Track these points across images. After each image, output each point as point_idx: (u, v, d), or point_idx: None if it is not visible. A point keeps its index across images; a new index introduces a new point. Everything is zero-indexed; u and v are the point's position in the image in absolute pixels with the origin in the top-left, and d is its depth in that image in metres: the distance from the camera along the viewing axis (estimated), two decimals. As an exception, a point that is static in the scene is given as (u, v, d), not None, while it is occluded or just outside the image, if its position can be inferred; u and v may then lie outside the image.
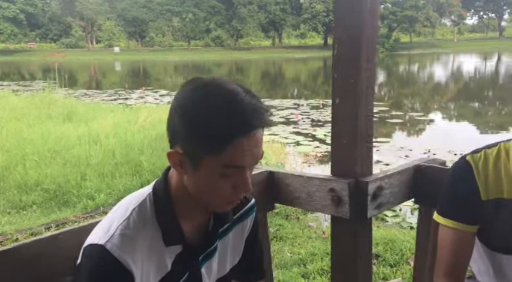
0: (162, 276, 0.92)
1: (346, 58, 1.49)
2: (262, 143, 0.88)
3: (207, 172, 0.86)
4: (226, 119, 0.82)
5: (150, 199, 0.93)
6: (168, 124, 0.89)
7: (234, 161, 0.85)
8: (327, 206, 1.55)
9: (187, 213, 0.94)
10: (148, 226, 0.90)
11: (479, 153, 1.19)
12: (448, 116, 13.62)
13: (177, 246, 0.93)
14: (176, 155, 0.86)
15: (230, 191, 0.89)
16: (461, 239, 1.17)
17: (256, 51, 61.17)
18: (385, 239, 3.58)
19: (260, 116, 0.85)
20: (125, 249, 0.86)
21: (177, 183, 0.92)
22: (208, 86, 0.87)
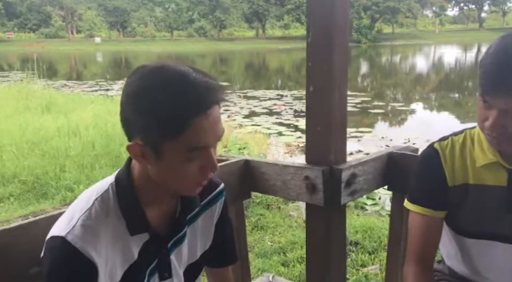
0: (129, 264, 0.92)
1: (319, 46, 1.49)
2: (220, 119, 0.87)
3: (171, 159, 0.85)
4: (180, 101, 0.81)
5: (112, 189, 0.92)
6: (122, 117, 0.86)
7: (196, 142, 0.84)
8: (301, 193, 1.56)
9: (152, 201, 0.93)
10: (111, 216, 0.89)
11: (447, 141, 1.21)
12: (429, 106, 13.79)
13: (144, 235, 0.93)
14: (136, 147, 0.85)
15: (197, 173, 0.88)
16: (430, 225, 1.19)
17: (239, 42, 60.88)
18: (364, 227, 3.63)
19: (214, 92, 0.84)
20: (86, 240, 0.85)
21: (140, 173, 0.91)
22: (157, 71, 0.84)
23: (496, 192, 1.12)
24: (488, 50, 1.00)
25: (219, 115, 0.87)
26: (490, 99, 0.99)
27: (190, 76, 0.84)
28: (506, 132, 1.00)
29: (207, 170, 0.89)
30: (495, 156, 1.11)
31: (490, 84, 0.98)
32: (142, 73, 0.85)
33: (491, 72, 0.97)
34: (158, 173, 0.88)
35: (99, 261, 0.85)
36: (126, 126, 0.87)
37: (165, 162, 0.85)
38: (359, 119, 10.52)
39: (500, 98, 0.96)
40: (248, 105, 12.36)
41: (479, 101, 1.04)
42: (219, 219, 1.10)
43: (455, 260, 1.27)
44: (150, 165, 0.87)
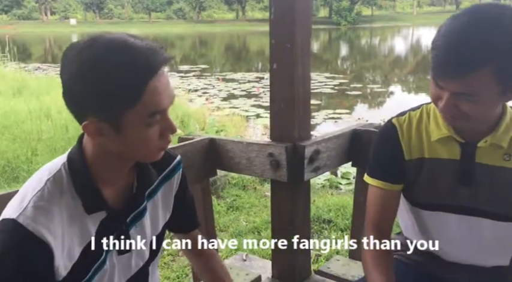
0: (86, 242, 0.91)
1: (282, 23, 1.49)
2: (169, 81, 0.87)
3: (132, 129, 0.84)
4: (130, 68, 0.80)
5: (65, 168, 0.90)
6: (69, 99, 0.83)
7: (154, 106, 0.84)
8: (266, 170, 1.58)
9: (107, 178, 0.93)
10: (65, 196, 0.88)
11: (404, 116, 1.23)
12: (407, 88, 13.96)
13: (101, 213, 0.92)
14: (92, 125, 0.83)
15: (158, 138, 0.88)
16: (387, 197, 1.22)
17: (219, 24, 60.10)
18: (337, 205, 3.70)
19: (159, 53, 0.83)
20: (39, 221, 0.83)
21: (93, 150, 0.90)
22: (96, 45, 0.82)
23: (450, 166, 1.15)
24: (439, 30, 0.98)
25: (168, 76, 0.86)
26: (441, 82, 1.00)
27: (130, 41, 0.82)
28: (459, 112, 1.01)
29: (167, 133, 0.89)
30: (449, 131, 1.14)
31: (441, 68, 0.97)
32: (79, 50, 0.82)
33: (443, 56, 0.96)
34: (119, 146, 0.87)
35: (53, 242, 0.84)
36: (76, 106, 0.84)
37: (125, 134, 0.84)
38: (338, 101, 10.59)
39: (450, 81, 0.97)
40: (227, 87, 12.30)
41: (431, 81, 1.05)
42: (177, 191, 1.11)
43: (412, 231, 1.31)
44: (108, 140, 0.86)
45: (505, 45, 0.91)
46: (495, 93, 0.98)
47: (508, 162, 1.10)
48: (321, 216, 3.49)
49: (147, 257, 1.04)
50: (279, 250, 1.66)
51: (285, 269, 1.67)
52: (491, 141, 1.09)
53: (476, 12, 0.96)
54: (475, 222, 1.15)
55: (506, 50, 0.91)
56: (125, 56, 0.80)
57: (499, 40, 0.91)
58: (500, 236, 1.15)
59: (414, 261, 1.30)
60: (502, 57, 0.92)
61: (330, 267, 1.73)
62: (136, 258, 1.01)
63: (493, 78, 0.94)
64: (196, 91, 11.66)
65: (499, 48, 0.91)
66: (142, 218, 1.01)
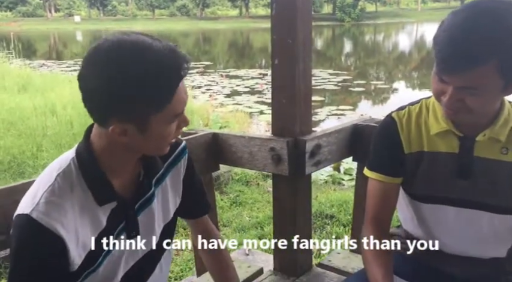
0: (98, 232, 0.94)
1: (283, 19, 1.51)
2: None
3: (157, 129, 0.88)
4: (161, 72, 0.83)
5: (74, 163, 0.92)
6: (96, 102, 0.85)
7: (180, 108, 0.89)
8: (267, 164, 1.60)
9: (116, 170, 0.95)
10: (76, 189, 0.91)
11: (404, 110, 1.25)
12: (411, 84, 13.91)
13: (111, 203, 0.95)
14: (118, 127, 0.86)
15: (175, 131, 0.94)
16: (387, 191, 1.24)
17: (223, 21, 60.03)
18: (339, 201, 3.72)
19: (181, 54, 0.86)
20: (52, 216, 0.86)
21: (103, 144, 0.92)
22: (121, 49, 0.83)
23: (449, 159, 1.17)
24: (441, 26, 1.00)
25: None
26: (446, 77, 1.01)
27: (154, 44, 0.84)
28: (464, 105, 1.03)
29: (181, 125, 0.95)
30: (448, 125, 1.15)
31: (445, 63, 0.99)
32: (103, 54, 0.83)
33: (445, 51, 0.97)
34: (139, 144, 0.90)
35: (66, 235, 0.87)
36: (101, 110, 0.86)
37: (150, 133, 0.88)
38: (341, 98, 10.58)
39: (455, 76, 0.98)
40: (230, 84, 12.31)
41: (434, 75, 1.06)
42: (185, 175, 1.13)
43: (411, 224, 1.32)
44: (131, 140, 0.88)
45: (507, 40, 0.93)
46: (498, 87, 0.99)
47: (505, 156, 1.12)
48: (323, 212, 3.52)
49: (154, 244, 1.06)
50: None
51: (287, 262, 1.69)
52: (490, 135, 1.11)
53: (476, 7, 0.97)
54: (473, 214, 1.16)
55: (508, 45, 0.93)
56: (153, 60, 0.83)
57: (500, 35, 0.92)
58: (497, 228, 1.16)
59: (413, 253, 1.32)
60: (504, 51, 0.93)
61: (331, 260, 1.75)
62: (144, 244, 1.04)
63: (497, 72, 0.95)
64: (200, 88, 11.68)
65: (500, 43, 0.93)
66: (151, 204, 1.04)
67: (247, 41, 36.73)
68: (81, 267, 0.93)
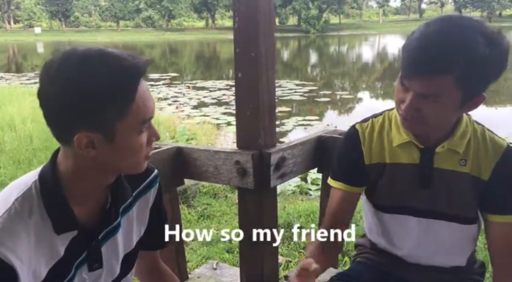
0: (54, 262, 0.89)
1: (245, 32, 1.51)
2: None
3: (126, 136, 0.85)
4: (119, 75, 0.81)
5: (36, 187, 0.87)
6: (56, 117, 0.83)
7: (144, 112, 0.86)
8: (232, 178, 1.58)
9: (82, 196, 0.91)
10: (34, 216, 0.86)
11: (367, 122, 1.28)
12: (374, 94, 14.26)
13: (71, 232, 0.90)
14: (84, 138, 0.82)
15: (146, 145, 0.90)
16: (347, 199, 1.27)
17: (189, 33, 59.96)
18: (307, 211, 3.74)
19: (139, 57, 0.85)
20: (5, 244, 0.81)
21: (68, 167, 0.88)
22: (73, 59, 0.81)
23: (410, 170, 1.19)
24: (412, 35, 1.04)
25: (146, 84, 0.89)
26: (408, 82, 1.04)
27: (107, 51, 0.83)
28: (419, 114, 1.06)
29: (152, 140, 0.91)
30: (409, 136, 1.18)
31: (409, 67, 1.02)
32: (57, 67, 0.81)
33: (413, 56, 1.01)
34: (110, 156, 0.86)
35: (18, 264, 0.82)
36: (63, 124, 0.83)
37: (118, 142, 0.84)
38: (308, 108, 10.72)
39: (417, 81, 1.02)
40: (197, 95, 12.25)
41: (397, 84, 1.09)
42: (153, 205, 1.09)
43: (375, 233, 1.34)
44: (100, 152, 0.85)
45: (469, 56, 0.96)
46: (455, 100, 1.02)
47: (463, 167, 1.15)
48: (291, 223, 3.52)
49: (117, 273, 1.02)
50: (246, 257, 1.67)
51: (253, 276, 1.67)
52: (448, 147, 1.14)
53: (448, 21, 1.02)
54: (433, 224, 1.19)
55: (469, 60, 0.97)
56: (109, 63, 0.81)
57: (463, 49, 0.97)
58: (456, 237, 1.20)
59: (377, 263, 1.34)
60: (464, 65, 0.97)
61: (298, 273, 1.74)
62: (106, 275, 1.00)
63: (455, 84, 0.99)
64: (167, 99, 11.56)
65: (463, 57, 0.97)
66: (116, 234, 0.99)
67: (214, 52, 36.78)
68: None
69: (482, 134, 1.16)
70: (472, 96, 1.03)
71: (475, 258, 1.31)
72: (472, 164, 1.14)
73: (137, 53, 0.87)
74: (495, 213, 1.14)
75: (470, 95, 1.03)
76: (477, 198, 1.15)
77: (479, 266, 1.31)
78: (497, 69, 1.00)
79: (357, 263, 1.39)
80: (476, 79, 1.00)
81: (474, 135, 1.15)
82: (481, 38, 0.97)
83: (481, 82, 1.01)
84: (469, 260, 1.26)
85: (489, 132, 1.17)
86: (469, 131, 1.15)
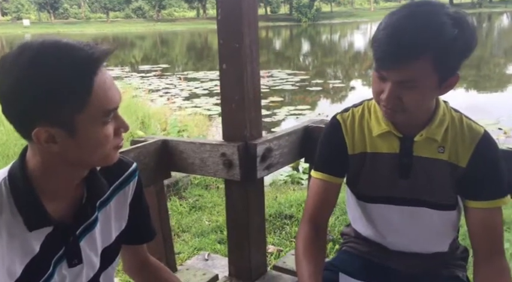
0: (29, 259, 0.88)
1: (229, 23, 1.50)
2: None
3: (88, 130, 0.82)
4: (73, 65, 0.78)
5: (5, 184, 0.86)
6: (14, 111, 0.81)
7: (105, 103, 0.82)
8: (219, 170, 1.58)
9: (54, 192, 0.90)
10: (5, 213, 0.85)
11: (348, 112, 1.28)
12: (367, 82, 14.24)
13: (46, 228, 0.89)
14: (43, 133, 0.80)
15: (113, 137, 0.87)
16: (328, 190, 1.27)
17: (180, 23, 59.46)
18: (298, 200, 3.75)
19: (98, 47, 0.82)
20: None
21: (38, 164, 0.86)
22: (28, 52, 0.79)
23: (390, 159, 1.20)
24: (379, 26, 1.04)
25: (110, 74, 0.86)
26: (385, 72, 1.04)
27: (64, 41, 0.81)
28: (400, 103, 1.06)
29: (120, 131, 0.89)
30: (388, 126, 1.19)
31: (384, 58, 1.03)
32: (12, 60, 0.79)
33: (384, 46, 1.01)
34: (75, 151, 0.84)
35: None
36: (21, 119, 0.81)
37: (81, 136, 0.82)
38: (300, 98, 10.72)
39: (395, 70, 1.02)
40: (189, 87, 12.20)
41: (374, 75, 1.09)
42: (132, 199, 1.08)
43: (359, 223, 1.35)
44: (63, 147, 0.83)
45: (440, 37, 0.98)
46: (433, 82, 1.04)
47: (442, 155, 1.16)
48: (282, 212, 3.54)
49: (97, 268, 1.02)
50: (234, 248, 1.68)
51: (242, 267, 1.68)
52: (426, 135, 1.15)
53: (411, 7, 1.02)
54: (414, 212, 1.20)
55: (441, 41, 0.98)
56: (63, 55, 0.78)
57: (433, 31, 0.98)
58: (438, 224, 1.21)
59: (361, 251, 1.35)
60: (437, 47, 0.98)
61: (285, 262, 1.76)
62: (87, 269, 0.99)
63: (431, 67, 1.00)
64: (158, 91, 11.50)
65: (434, 39, 0.98)
66: (94, 229, 0.98)
67: (205, 43, 36.54)
68: None
69: (459, 121, 1.17)
70: (447, 76, 1.04)
71: (458, 244, 1.33)
72: (450, 151, 1.15)
73: (97, 43, 0.84)
74: (473, 199, 1.15)
75: (445, 75, 1.04)
76: (456, 185, 1.16)
77: (462, 251, 1.33)
78: (467, 47, 1.01)
79: (342, 252, 1.40)
80: (450, 59, 1.01)
81: (452, 122, 1.16)
82: (447, 18, 0.98)
83: (454, 61, 1.03)
84: (452, 245, 1.28)
85: (466, 119, 1.18)
86: (447, 118, 1.16)
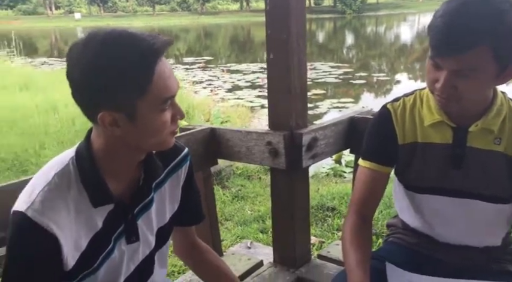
0: (93, 233, 0.95)
1: (277, 14, 1.52)
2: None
3: (147, 115, 0.87)
4: (136, 55, 0.83)
5: (72, 163, 0.92)
6: (81, 97, 0.87)
7: (164, 91, 0.87)
8: (264, 158, 1.61)
9: (115, 172, 0.96)
10: (72, 189, 0.91)
11: (399, 101, 1.26)
12: (413, 76, 13.84)
13: (108, 205, 0.96)
14: (107, 117, 0.86)
15: (170, 123, 0.92)
16: (376, 179, 1.25)
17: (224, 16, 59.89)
18: (341, 193, 3.73)
19: (159, 37, 0.87)
20: (46, 214, 0.87)
21: (102, 144, 0.93)
22: (95, 40, 0.85)
23: (442, 149, 1.18)
24: (436, 13, 1.03)
25: (169, 64, 0.90)
26: (440, 60, 1.03)
27: (128, 31, 0.86)
28: (456, 92, 1.04)
29: (176, 117, 0.94)
30: (441, 116, 1.16)
31: (440, 45, 1.01)
32: (81, 48, 0.85)
33: (442, 34, 1.00)
34: (135, 135, 0.90)
35: (60, 234, 0.88)
36: (87, 103, 0.87)
37: (140, 121, 0.87)
38: (343, 91, 10.57)
39: (450, 58, 1.00)
40: (231, 79, 12.31)
41: (428, 64, 1.08)
42: (184, 182, 1.14)
43: (407, 214, 1.34)
44: (124, 131, 0.88)
45: (499, 25, 0.95)
46: (492, 71, 1.01)
47: (498, 146, 1.13)
48: (324, 204, 3.53)
49: (153, 246, 1.08)
50: (279, 235, 1.71)
51: (286, 254, 1.71)
52: (482, 126, 1.12)
53: None
54: (467, 204, 1.18)
55: (501, 30, 0.95)
56: (127, 44, 0.83)
57: (492, 20, 0.95)
58: (491, 217, 1.18)
59: (409, 243, 1.34)
60: (496, 36, 0.96)
61: (329, 251, 1.77)
62: (143, 247, 1.05)
63: (490, 55, 0.97)
64: (201, 83, 11.68)
65: (493, 28, 0.95)
66: (150, 209, 1.04)
67: (248, 35, 36.63)
68: (76, 268, 0.93)
69: None
70: (505, 66, 1.01)
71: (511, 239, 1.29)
72: (507, 143, 1.12)
73: (157, 33, 0.88)
74: None
75: (504, 65, 1.01)
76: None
77: (516, 246, 1.29)
78: None
79: (389, 243, 1.39)
80: (509, 48, 0.98)
81: (510, 113, 1.13)
82: (507, 6, 0.96)
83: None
84: (505, 240, 1.24)
85: None
86: (504, 109, 1.12)
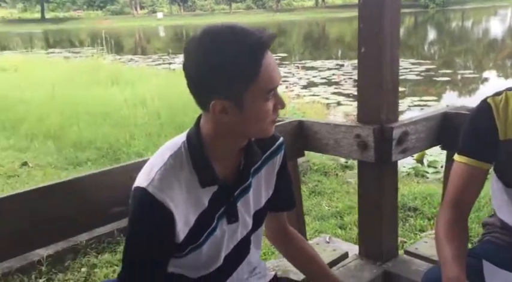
0: (200, 212, 1.05)
1: (370, 8, 1.52)
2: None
3: (252, 105, 0.95)
4: (246, 47, 0.91)
5: (184, 146, 1.03)
6: (196, 85, 0.96)
7: (270, 82, 0.95)
8: (353, 151, 1.63)
9: (220, 156, 1.05)
10: (184, 170, 1.02)
11: (501, 96, 1.22)
12: (503, 74, 12.84)
13: (213, 187, 1.05)
14: (218, 105, 0.95)
15: (271, 112, 1.00)
16: (472, 174, 1.21)
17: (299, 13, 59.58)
18: (423, 193, 3.60)
19: (266, 31, 0.94)
20: (164, 191, 0.97)
21: (209, 131, 1.02)
22: (210, 35, 0.94)
23: None
24: None
25: (273, 57, 0.97)
26: None
27: (239, 26, 0.94)
28: None
29: (277, 107, 1.01)
30: None
31: None
32: (197, 41, 0.94)
33: None
34: (241, 123, 0.98)
35: (175, 209, 0.98)
36: (201, 91, 0.97)
37: (246, 109, 0.96)
38: (424, 89, 10.11)
39: None
40: (306, 75, 12.27)
41: None
42: (279, 169, 1.21)
43: (506, 212, 1.28)
44: (232, 119, 0.97)
45: None
46: None
47: None
48: (406, 204, 3.43)
49: (250, 227, 1.15)
50: (366, 229, 1.71)
51: (372, 248, 1.71)
52: None
53: None
54: None
55: None
56: (237, 40, 0.92)
57: None
58: None
59: (508, 242, 1.29)
60: None
61: (417, 248, 1.75)
62: (241, 228, 1.13)
63: None
64: (277, 79, 11.75)
65: None
66: (248, 192, 1.12)
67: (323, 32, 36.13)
68: (185, 242, 1.03)
69: None
70: None
71: None
72: None
73: (263, 29, 0.95)
74: None
75: None
76: None
77: None
78: None
79: (485, 242, 1.35)
80: None
81: None
82: None
83: None
84: None
85: None
86: None
